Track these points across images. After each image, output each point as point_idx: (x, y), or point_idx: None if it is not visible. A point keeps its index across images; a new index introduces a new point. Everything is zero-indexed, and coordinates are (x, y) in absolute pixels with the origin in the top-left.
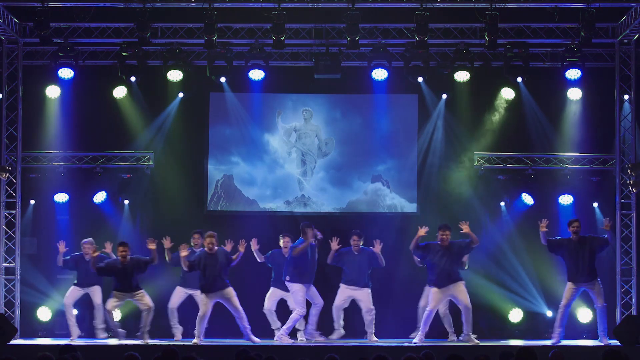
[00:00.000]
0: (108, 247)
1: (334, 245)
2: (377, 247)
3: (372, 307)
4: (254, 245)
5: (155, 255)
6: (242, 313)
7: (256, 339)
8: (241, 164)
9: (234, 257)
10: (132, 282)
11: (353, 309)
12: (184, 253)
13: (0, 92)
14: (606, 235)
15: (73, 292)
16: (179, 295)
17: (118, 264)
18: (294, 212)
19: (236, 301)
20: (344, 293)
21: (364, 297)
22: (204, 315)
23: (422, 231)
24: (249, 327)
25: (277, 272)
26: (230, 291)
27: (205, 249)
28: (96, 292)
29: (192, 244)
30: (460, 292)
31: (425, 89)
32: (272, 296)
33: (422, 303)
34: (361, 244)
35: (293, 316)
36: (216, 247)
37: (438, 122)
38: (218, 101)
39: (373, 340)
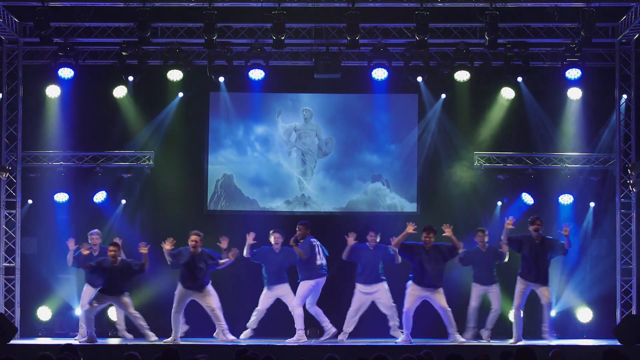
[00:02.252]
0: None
1: (350, 240)
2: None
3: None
4: (250, 239)
5: (146, 261)
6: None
7: (231, 337)
8: (241, 164)
9: (221, 261)
10: (118, 285)
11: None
12: (168, 247)
13: (0, 92)
14: (564, 242)
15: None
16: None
17: (108, 264)
18: (294, 211)
19: (211, 300)
20: (361, 298)
21: (382, 294)
22: (178, 311)
23: (411, 228)
24: (226, 325)
25: (268, 270)
26: (208, 290)
27: (190, 248)
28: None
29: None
30: (441, 298)
31: (425, 89)
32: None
33: (473, 304)
34: (377, 240)
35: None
36: (200, 248)
37: (437, 122)
38: (218, 101)
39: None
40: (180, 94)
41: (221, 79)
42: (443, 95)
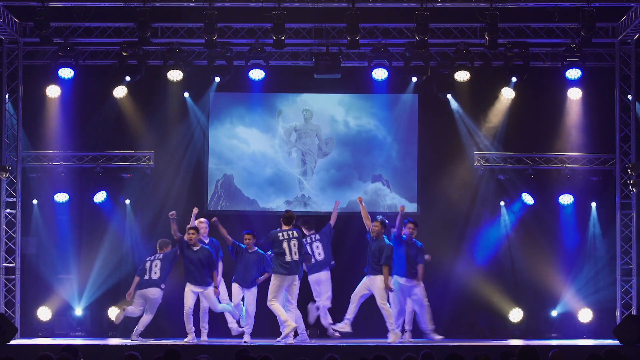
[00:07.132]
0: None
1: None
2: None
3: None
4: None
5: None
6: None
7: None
8: (241, 164)
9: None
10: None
11: (360, 308)
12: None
13: (1, 92)
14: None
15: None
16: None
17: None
18: (294, 212)
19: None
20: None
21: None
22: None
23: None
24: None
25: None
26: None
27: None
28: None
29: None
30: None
31: (423, 89)
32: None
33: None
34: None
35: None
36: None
37: (438, 122)
38: (218, 101)
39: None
40: (186, 94)
41: (217, 79)
42: (449, 96)
